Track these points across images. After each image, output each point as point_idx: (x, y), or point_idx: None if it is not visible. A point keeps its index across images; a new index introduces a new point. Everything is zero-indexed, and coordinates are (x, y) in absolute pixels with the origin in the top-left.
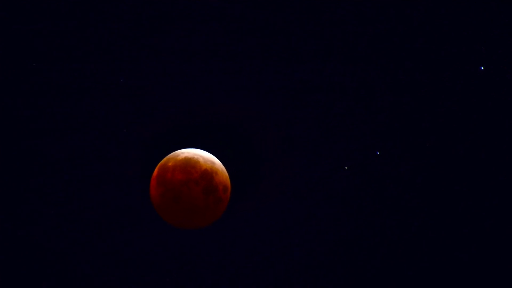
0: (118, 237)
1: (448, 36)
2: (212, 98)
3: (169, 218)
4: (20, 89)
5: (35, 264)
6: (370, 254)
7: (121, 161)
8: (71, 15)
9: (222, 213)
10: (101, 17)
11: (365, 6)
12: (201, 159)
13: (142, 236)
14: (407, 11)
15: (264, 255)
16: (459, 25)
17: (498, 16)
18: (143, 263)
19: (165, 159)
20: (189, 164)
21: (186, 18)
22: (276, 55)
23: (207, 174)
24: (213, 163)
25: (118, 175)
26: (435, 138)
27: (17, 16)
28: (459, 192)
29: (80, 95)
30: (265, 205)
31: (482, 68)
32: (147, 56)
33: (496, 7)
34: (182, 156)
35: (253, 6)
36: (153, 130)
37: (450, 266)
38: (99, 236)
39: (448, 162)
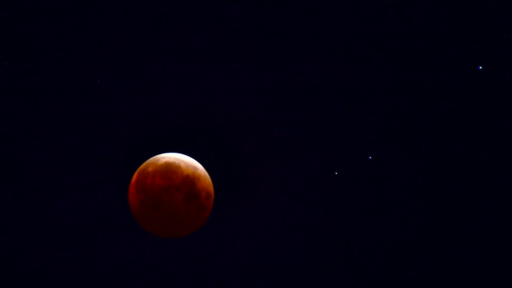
0: (95, 246)
1: (448, 36)
2: (194, 100)
3: (149, 226)
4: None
5: (11, 273)
6: (360, 260)
7: (97, 166)
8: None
9: (205, 221)
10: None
11: (359, 5)
12: (182, 164)
13: (120, 245)
14: (406, 11)
15: (249, 265)
16: (459, 25)
17: (498, 16)
18: (121, 274)
19: (144, 164)
20: (170, 170)
21: (178, 18)
22: (262, 57)
23: (189, 180)
24: (195, 168)
25: (94, 180)
26: (434, 138)
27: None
28: (459, 192)
29: (56, 97)
30: (250, 212)
31: (481, 67)
32: (129, 58)
33: (496, 7)
34: (163, 161)
35: (236, 6)
36: (132, 134)
37: (449, 267)
38: (74, 245)
39: (448, 162)
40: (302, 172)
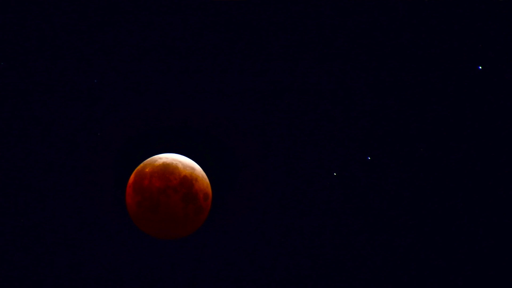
0: (91, 248)
1: (448, 36)
2: (192, 100)
3: (146, 228)
4: None
5: (7, 275)
6: (359, 260)
7: (94, 167)
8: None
9: (203, 222)
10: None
11: (357, 5)
12: (180, 165)
13: (117, 247)
14: (405, 11)
15: (247, 268)
16: (459, 25)
17: (498, 16)
18: (118, 276)
19: (141, 165)
20: (167, 170)
21: (176, 18)
22: (260, 58)
23: (187, 181)
24: (193, 169)
25: (91, 181)
26: (432, 140)
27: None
28: (459, 193)
29: (54, 97)
30: (248, 214)
31: (480, 67)
32: (122, 56)
33: (496, 7)
34: (160, 161)
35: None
36: (129, 134)
37: (448, 268)
38: (71, 247)
39: (447, 163)
40: (301, 173)
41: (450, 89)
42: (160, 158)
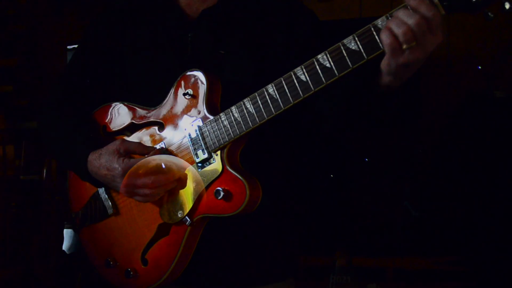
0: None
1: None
2: None
3: None
4: None
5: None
6: (355, 265)
7: None
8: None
9: None
10: None
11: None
12: (174, 166)
13: None
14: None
15: (244, 272)
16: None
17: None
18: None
19: (135, 166)
20: (161, 172)
21: None
22: (255, 53)
23: (181, 182)
24: (187, 170)
25: None
26: (432, 140)
27: None
28: (458, 194)
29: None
30: (244, 216)
31: (480, 67)
32: (120, 57)
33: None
34: (154, 163)
35: None
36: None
37: (447, 272)
38: (63, 249)
39: (447, 164)
40: (298, 174)
41: (449, 89)
42: (154, 160)
